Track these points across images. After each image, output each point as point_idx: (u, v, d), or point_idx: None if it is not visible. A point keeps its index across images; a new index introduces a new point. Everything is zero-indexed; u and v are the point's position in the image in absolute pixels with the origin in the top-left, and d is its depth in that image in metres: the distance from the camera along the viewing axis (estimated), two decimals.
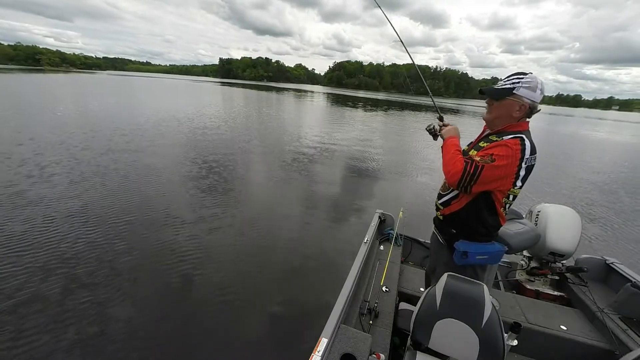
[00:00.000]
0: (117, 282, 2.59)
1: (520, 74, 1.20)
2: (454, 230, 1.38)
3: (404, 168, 7.35)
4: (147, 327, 2.17)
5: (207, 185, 5.04)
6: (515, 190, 1.22)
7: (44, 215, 3.57)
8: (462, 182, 1.19)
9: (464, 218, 1.33)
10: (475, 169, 1.17)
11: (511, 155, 1.14)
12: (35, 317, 2.16)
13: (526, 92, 1.18)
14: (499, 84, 1.26)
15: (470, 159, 1.22)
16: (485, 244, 1.34)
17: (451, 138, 1.39)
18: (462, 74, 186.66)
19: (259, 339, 2.18)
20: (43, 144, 6.58)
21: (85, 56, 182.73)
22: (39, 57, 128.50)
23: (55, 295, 2.38)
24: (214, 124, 11.37)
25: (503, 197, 1.24)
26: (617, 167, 9.80)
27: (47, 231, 3.25)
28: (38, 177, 4.70)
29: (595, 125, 36.23)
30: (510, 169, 1.15)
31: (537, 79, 1.18)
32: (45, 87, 23.30)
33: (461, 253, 1.32)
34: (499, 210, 1.27)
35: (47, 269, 2.67)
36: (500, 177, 1.17)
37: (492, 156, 1.16)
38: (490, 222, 1.30)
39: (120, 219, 3.64)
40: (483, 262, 1.34)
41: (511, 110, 1.21)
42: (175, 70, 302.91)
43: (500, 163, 1.15)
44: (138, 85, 37.61)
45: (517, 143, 1.15)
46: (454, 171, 1.21)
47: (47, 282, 2.51)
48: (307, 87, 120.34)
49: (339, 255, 3.32)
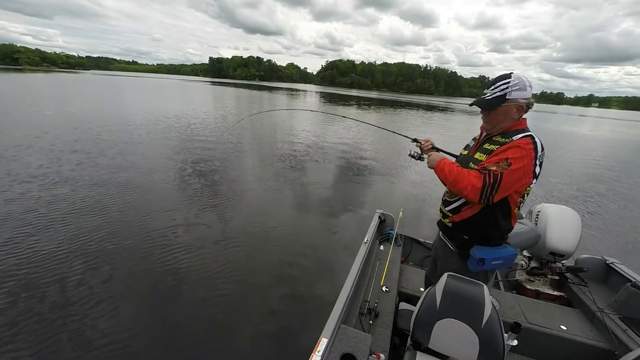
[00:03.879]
0: (112, 284, 2.54)
1: (504, 78, 1.20)
2: (466, 237, 1.35)
3: (403, 168, 7.34)
4: (145, 329, 2.14)
5: (206, 185, 4.92)
6: (529, 188, 1.22)
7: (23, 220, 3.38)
8: (483, 194, 1.16)
9: (477, 224, 1.30)
10: (495, 178, 1.14)
11: (526, 155, 1.13)
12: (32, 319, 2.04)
13: (518, 94, 1.18)
14: (488, 93, 1.23)
15: (486, 169, 1.18)
16: (498, 248, 1.33)
17: (442, 160, 1.36)
18: (452, 72, 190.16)
19: (259, 339, 2.16)
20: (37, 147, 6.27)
21: (67, 55, 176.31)
22: (17, 56, 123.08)
23: (47, 301, 2.28)
24: (214, 124, 11.16)
25: (519, 198, 1.24)
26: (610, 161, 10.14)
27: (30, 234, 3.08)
28: (20, 180, 4.46)
29: (580, 121, 37.51)
30: (528, 169, 1.15)
31: (522, 77, 1.18)
32: (34, 87, 22.32)
33: (477, 260, 1.29)
34: (513, 211, 1.27)
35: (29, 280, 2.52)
36: (520, 179, 1.16)
37: (508, 160, 1.14)
38: (504, 226, 1.30)
39: (117, 220, 3.52)
40: (498, 267, 1.33)
41: (510, 114, 1.22)
42: (164, 69, 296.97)
43: (517, 165, 1.13)
44: (128, 84, 36.58)
45: (528, 142, 1.15)
46: (471, 186, 1.17)
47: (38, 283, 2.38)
48: (299, 86, 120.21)
49: (338, 255, 3.30)
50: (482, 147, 1.30)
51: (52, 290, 2.42)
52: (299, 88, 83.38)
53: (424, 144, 1.57)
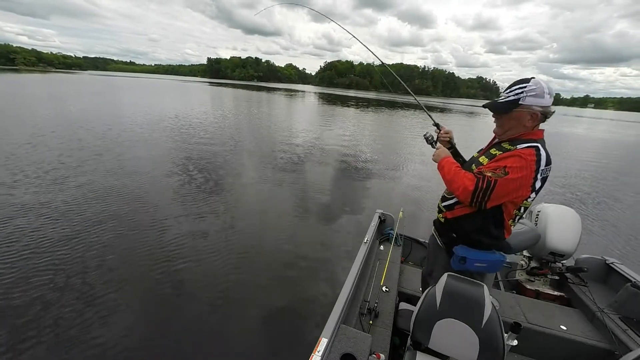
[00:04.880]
0: (110, 286, 2.51)
1: (521, 82, 1.14)
2: (455, 235, 1.34)
3: (403, 167, 7.35)
4: (143, 331, 2.12)
5: (205, 186, 4.89)
6: (527, 202, 1.18)
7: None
8: (475, 198, 1.13)
9: (467, 225, 1.29)
10: (488, 184, 1.10)
11: (526, 167, 1.07)
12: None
13: (533, 100, 1.11)
14: (502, 95, 1.19)
15: (481, 173, 1.15)
16: (485, 252, 1.29)
17: (446, 158, 1.35)
18: (449, 73, 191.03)
19: (259, 339, 2.16)
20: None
21: (63, 55, 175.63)
22: (14, 57, 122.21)
23: (43, 299, 2.26)
24: (213, 122, 11.12)
25: (514, 209, 1.19)
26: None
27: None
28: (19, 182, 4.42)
29: (578, 122, 37.74)
30: (525, 181, 1.09)
31: (542, 83, 1.11)
32: (39, 88, 22.13)
33: (459, 258, 1.29)
34: (506, 222, 1.22)
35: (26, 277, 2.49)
36: (515, 190, 1.11)
37: (506, 168, 1.09)
38: (495, 234, 1.25)
39: (114, 221, 3.49)
40: (482, 270, 1.31)
41: (523, 121, 1.15)
42: (161, 70, 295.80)
43: (514, 176, 1.08)
44: (128, 85, 36.39)
45: (532, 153, 1.09)
46: (463, 188, 1.16)
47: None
48: (298, 87, 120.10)
49: (338, 255, 3.29)
50: (488, 152, 1.28)
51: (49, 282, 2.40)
52: (298, 89, 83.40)
53: (442, 134, 1.54)
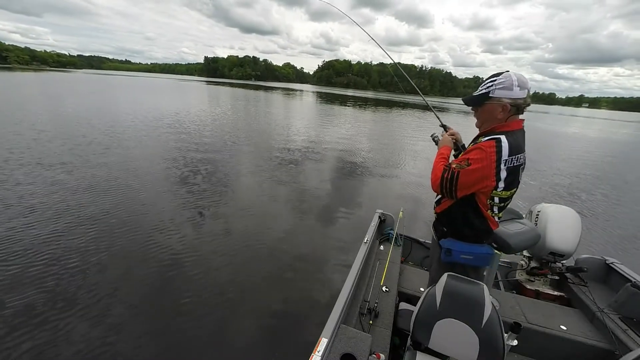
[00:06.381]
0: (110, 286, 2.51)
1: (494, 76, 1.21)
2: (445, 229, 1.40)
3: (403, 167, 7.36)
4: (143, 331, 2.12)
5: (204, 186, 4.86)
6: (499, 192, 1.20)
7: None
8: (442, 188, 1.24)
9: (452, 218, 1.36)
10: (451, 175, 1.20)
11: (485, 158, 1.14)
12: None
13: (502, 93, 1.17)
14: (478, 89, 1.26)
15: (448, 165, 1.26)
16: (472, 244, 1.33)
17: (442, 148, 1.45)
18: (446, 73, 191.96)
19: (259, 339, 2.15)
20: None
21: (58, 54, 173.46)
22: (6, 55, 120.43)
23: (41, 301, 2.23)
24: (213, 122, 11.05)
25: (487, 199, 1.23)
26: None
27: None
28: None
29: (573, 121, 38.18)
30: (486, 171, 1.15)
31: (512, 76, 1.16)
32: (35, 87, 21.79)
33: (445, 250, 1.34)
34: (485, 213, 1.26)
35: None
36: (479, 180, 1.17)
37: (468, 160, 1.18)
38: (478, 225, 1.29)
39: (113, 222, 3.47)
40: (467, 262, 1.33)
41: (494, 113, 1.21)
42: (157, 69, 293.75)
43: (475, 167, 1.16)
44: (123, 84, 36.00)
45: (491, 145, 1.15)
46: (435, 178, 1.27)
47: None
48: (296, 86, 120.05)
49: (338, 255, 3.29)
50: (468, 145, 1.36)
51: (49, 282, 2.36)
52: (296, 88, 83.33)
53: (448, 135, 1.58)
